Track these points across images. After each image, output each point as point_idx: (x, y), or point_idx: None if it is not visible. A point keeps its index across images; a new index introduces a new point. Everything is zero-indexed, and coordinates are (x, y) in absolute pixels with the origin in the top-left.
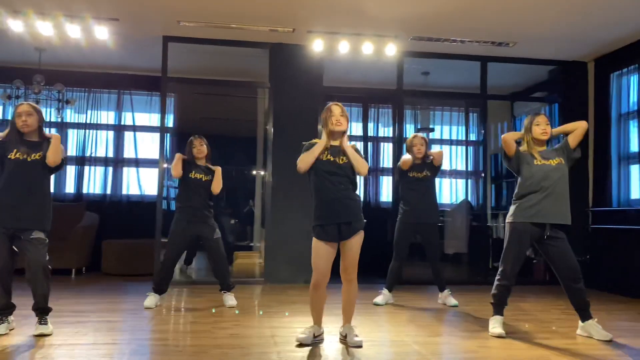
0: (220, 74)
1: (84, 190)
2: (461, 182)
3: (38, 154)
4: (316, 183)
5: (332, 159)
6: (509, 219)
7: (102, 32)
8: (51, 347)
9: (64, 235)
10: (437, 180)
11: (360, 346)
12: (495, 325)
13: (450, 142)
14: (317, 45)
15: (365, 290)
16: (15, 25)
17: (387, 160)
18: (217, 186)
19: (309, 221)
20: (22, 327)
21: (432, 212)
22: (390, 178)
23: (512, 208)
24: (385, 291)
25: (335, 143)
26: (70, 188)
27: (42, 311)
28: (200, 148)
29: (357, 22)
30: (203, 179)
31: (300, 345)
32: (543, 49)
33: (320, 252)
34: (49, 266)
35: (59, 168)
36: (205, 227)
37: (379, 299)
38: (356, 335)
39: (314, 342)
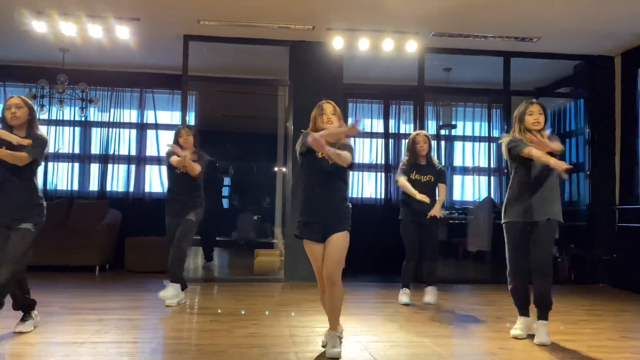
0: (241, 72)
1: (108, 188)
2: (484, 179)
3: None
4: (305, 179)
5: (322, 155)
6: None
7: (124, 32)
8: (74, 344)
9: (88, 232)
10: (459, 177)
11: (337, 358)
12: (516, 327)
13: (473, 139)
14: (337, 43)
15: (384, 289)
16: (39, 26)
17: None
18: (190, 170)
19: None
20: (45, 325)
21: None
22: None
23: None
24: (406, 290)
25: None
26: (94, 186)
27: None
28: (187, 138)
29: (377, 19)
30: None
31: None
32: (568, 43)
33: (313, 253)
34: (25, 260)
35: (33, 164)
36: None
37: (405, 299)
38: (334, 346)
39: (342, 344)
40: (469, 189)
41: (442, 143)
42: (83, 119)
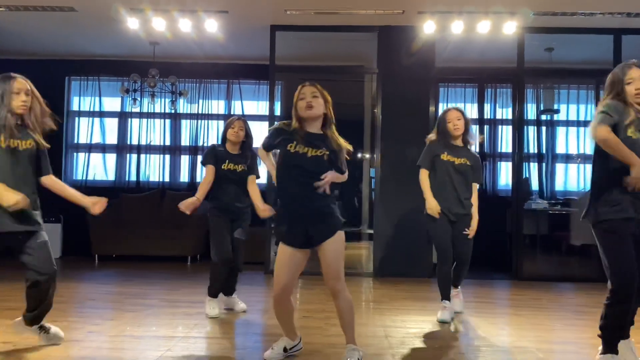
0: (327, 60)
1: (197, 179)
2: (590, 168)
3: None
4: (281, 176)
5: (299, 150)
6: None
7: (212, 25)
8: (175, 339)
9: (179, 223)
10: (562, 165)
11: None
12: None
13: (578, 123)
14: (428, 27)
15: (481, 287)
16: (132, 22)
17: (505, 145)
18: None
19: (419, 213)
20: (146, 317)
21: (464, 202)
22: (509, 163)
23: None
24: (447, 303)
25: (312, 130)
26: (184, 177)
27: None
28: (239, 133)
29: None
30: (238, 170)
31: None
32: None
33: (283, 258)
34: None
35: None
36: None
37: (445, 316)
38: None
39: (286, 356)
40: (573, 178)
41: (543, 129)
42: (173, 111)
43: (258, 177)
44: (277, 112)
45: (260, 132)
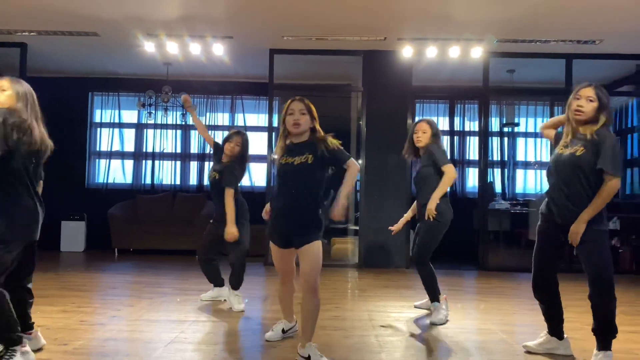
0: (318, 79)
1: (205, 182)
2: (545, 173)
3: None
4: (275, 186)
5: (289, 160)
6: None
7: (219, 49)
8: (187, 322)
9: (189, 221)
10: (521, 171)
11: None
12: None
13: (535, 135)
14: (406, 51)
15: (450, 276)
16: (149, 46)
17: (472, 153)
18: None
19: (400, 212)
20: (162, 304)
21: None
22: (476, 169)
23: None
24: (436, 304)
25: (298, 140)
26: (193, 181)
27: None
28: (234, 148)
29: (444, 28)
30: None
31: (269, 341)
32: (630, 44)
33: (274, 253)
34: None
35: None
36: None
37: (439, 317)
38: (321, 356)
39: (284, 337)
40: (531, 182)
41: (505, 139)
42: (183, 123)
43: (229, 187)
44: (275, 124)
45: (260, 141)
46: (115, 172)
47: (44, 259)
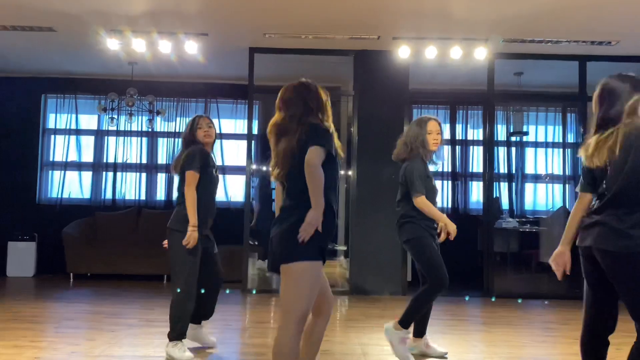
0: None
1: (174, 197)
2: (558, 188)
3: None
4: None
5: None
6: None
7: (192, 47)
8: (153, 359)
9: (156, 241)
10: (531, 185)
11: None
12: None
13: (546, 145)
14: (403, 52)
15: (451, 304)
16: (112, 44)
17: (476, 165)
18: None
19: (395, 231)
20: (132, 337)
21: None
22: (480, 183)
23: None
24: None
25: None
26: (161, 195)
27: None
28: (209, 130)
29: (444, 27)
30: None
31: None
32: None
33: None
34: None
35: None
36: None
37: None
38: None
39: None
40: (542, 198)
41: (513, 150)
42: (150, 129)
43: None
44: (255, 130)
45: (238, 150)
46: (72, 186)
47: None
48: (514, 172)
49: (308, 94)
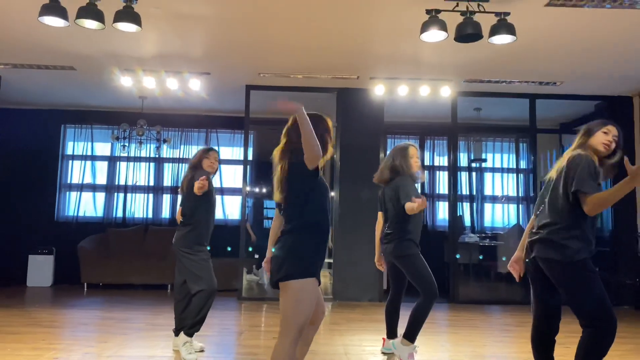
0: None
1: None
2: (513, 207)
3: None
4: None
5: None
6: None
7: (196, 84)
8: (161, 358)
9: (162, 255)
10: (489, 205)
11: None
12: None
13: (502, 170)
14: (378, 90)
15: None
16: (125, 81)
17: (442, 187)
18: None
19: (374, 245)
20: (140, 339)
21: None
22: (446, 203)
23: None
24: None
25: None
26: (166, 214)
27: None
28: (214, 163)
29: (415, 69)
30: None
31: None
32: (588, 85)
33: (316, 295)
34: None
35: None
36: None
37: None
38: None
39: None
40: (499, 216)
41: (474, 174)
42: (157, 156)
43: None
44: (250, 157)
45: (234, 174)
46: (86, 205)
47: (10, 294)
48: (474, 193)
49: (318, 125)
